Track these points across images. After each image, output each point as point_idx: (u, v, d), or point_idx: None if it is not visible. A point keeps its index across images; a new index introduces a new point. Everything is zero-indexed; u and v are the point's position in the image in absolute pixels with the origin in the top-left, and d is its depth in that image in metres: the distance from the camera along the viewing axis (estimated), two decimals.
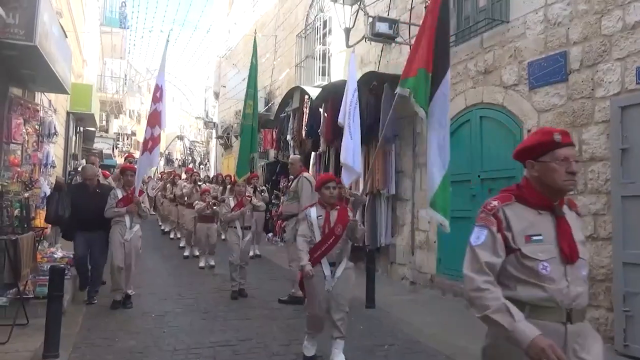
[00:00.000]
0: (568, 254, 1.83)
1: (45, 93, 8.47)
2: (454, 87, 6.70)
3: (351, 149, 5.01)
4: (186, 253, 9.61)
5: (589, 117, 4.81)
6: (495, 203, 1.88)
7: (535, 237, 1.82)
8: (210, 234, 8.48)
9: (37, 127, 7.33)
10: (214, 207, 8.30)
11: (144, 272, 7.54)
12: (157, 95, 6.03)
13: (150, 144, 5.90)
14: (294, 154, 10.91)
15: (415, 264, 7.34)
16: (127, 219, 5.69)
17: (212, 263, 8.48)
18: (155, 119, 5.95)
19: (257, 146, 6.93)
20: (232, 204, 6.59)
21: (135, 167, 6.32)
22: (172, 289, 6.83)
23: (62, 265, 4.10)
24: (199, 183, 9.50)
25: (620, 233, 4.36)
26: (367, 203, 7.59)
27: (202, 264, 8.50)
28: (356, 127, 5.20)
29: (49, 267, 5.62)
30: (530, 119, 5.47)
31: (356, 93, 5.34)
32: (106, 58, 24.77)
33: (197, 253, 9.16)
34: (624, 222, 4.34)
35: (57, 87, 7.48)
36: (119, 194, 5.74)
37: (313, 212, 4.11)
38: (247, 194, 6.72)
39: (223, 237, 10.69)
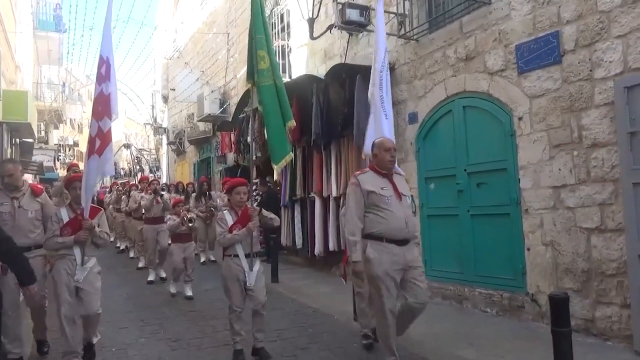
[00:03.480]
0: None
1: None
2: (431, 76, 6.30)
3: (389, 131, 4.43)
4: (151, 277, 7.95)
5: (589, 101, 4.47)
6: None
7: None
8: (187, 257, 6.85)
9: None
10: (190, 224, 6.86)
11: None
12: (102, 72, 4.17)
13: (99, 143, 4.03)
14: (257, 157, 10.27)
15: None
16: (76, 251, 3.99)
17: (190, 294, 6.76)
18: (102, 107, 4.10)
19: (292, 113, 4.14)
20: (229, 219, 4.25)
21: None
22: (133, 315, 6.00)
23: None
24: (161, 193, 8.21)
25: (633, 223, 4.02)
26: (340, 203, 7.05)
27: (173, 290, 6.93)
28: (389, 100, 4.56)
29: None
30: (521, 105, 5.10)
31: (386, 54, 4.65)
32: (42, 64, 23.17)
33: (164, 275, 7.88)
34: (637, 211, 4.01)
35: None
36: (65, 215, 4.05)
37: None
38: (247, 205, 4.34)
39: (202, 260, 9.66)
